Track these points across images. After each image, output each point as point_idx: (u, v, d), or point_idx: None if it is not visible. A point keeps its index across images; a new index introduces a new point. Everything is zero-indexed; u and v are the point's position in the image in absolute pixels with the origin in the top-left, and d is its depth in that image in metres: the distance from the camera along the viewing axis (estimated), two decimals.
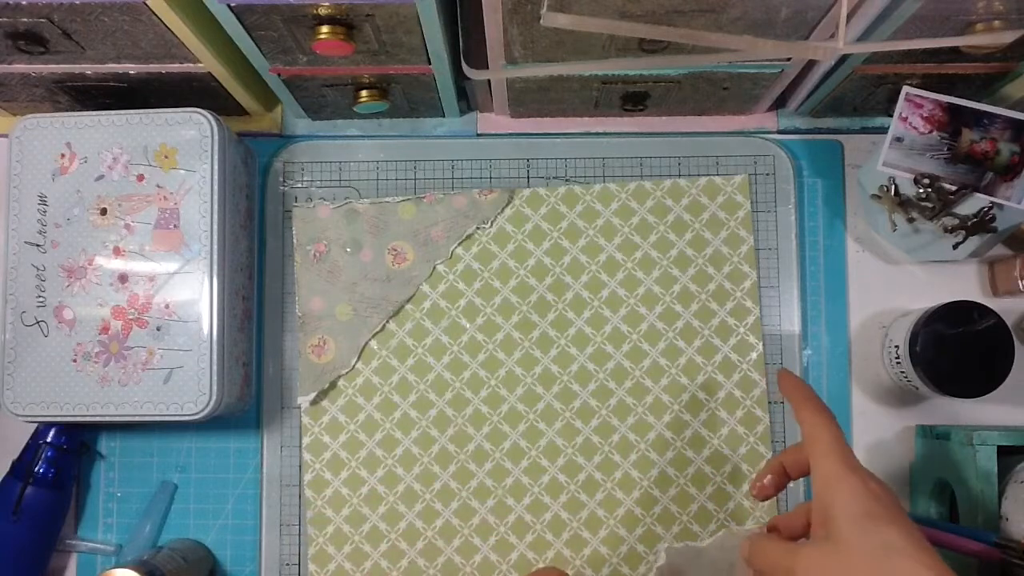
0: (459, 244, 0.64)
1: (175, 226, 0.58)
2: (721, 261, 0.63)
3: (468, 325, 0.63)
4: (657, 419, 0.62)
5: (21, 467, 0.60)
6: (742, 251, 0.63)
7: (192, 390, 0.57)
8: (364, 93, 0.60)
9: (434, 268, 0.64)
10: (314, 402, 0.63)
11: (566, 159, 0.65)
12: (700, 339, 0.63)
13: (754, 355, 0.63)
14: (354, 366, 0.63)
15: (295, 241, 0.64)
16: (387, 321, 0.63)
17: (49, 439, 0.60)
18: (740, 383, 0.62)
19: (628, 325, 0.63)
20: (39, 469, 0.60)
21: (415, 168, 0.66)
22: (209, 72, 0.57)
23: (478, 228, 0.64)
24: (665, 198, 0.64)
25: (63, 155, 0.59)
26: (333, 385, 0.63)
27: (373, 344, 0.63)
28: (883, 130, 0.59)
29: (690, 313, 0.63)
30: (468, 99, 0.65)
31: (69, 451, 0.61)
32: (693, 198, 0.64)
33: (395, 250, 0.64)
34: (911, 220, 0.59)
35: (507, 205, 0.64)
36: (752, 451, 0.62)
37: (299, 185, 0.66)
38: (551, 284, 0.63)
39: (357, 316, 0.63)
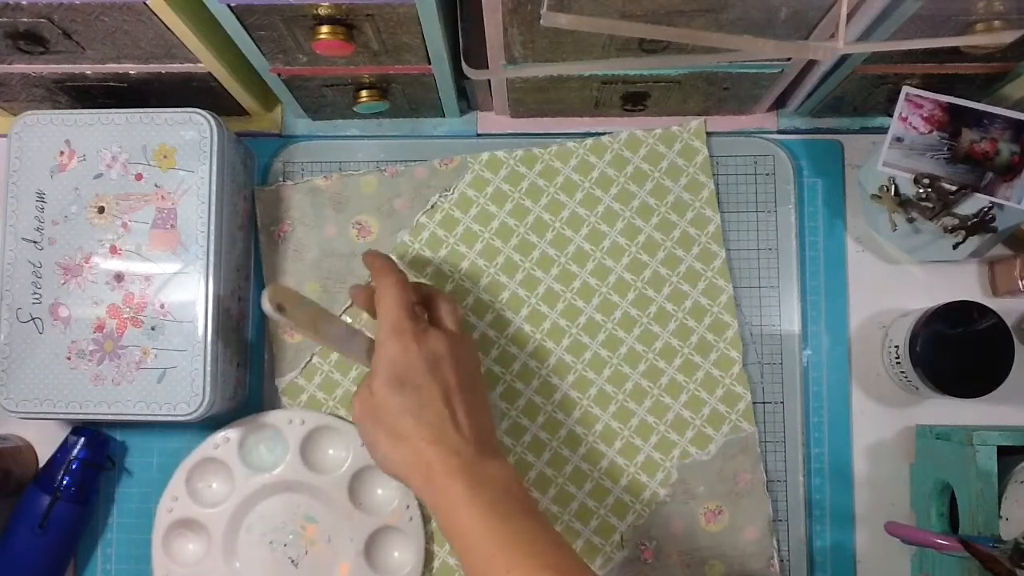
0: (422, 213, 0.64)
1: (172, 226, 0.58)
2: (683, 208, 0.64)
3: None
4: (632, 369, 0.63)
5: (47, 479, 0.61)
6: (703, 196, 0.64)
7: (185, 390, 0.57)
8: (364, 93, 0.60)
9: (399, 239, 0.64)
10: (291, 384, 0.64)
11: None
12: (669, 286, 0.63)
13: (724, 297, 0.63)
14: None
15: (259, 223, 0.65)
16: None
17: (77, 454, 0.61)
18: (712, 327, 0.63)
19: (596, 278, 0.64)
20: (66, 483, 0.60)
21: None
22: (209, 72, 0.57)
23: (440, 196, 0.64)
24: (623, 150, 0.64)
25: (62, 152, 0.59)
26: (308, 363, 0.63)
27: (345, 319, 0.64)
28: (883, 130, 0.59)
29: (657, 261, 0.63)
30: (468, 99, 0.65)
31: (95, 466, 0.61)
32: (651, 148, 0.64)
33: (359, 224, 0.64)
34: (911, 220, 0.59)
35: (467, 171, 0.64)
36: (728, 392, 0.62)
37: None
38: (517, 244, 0.64)
39: (326, 292, 0.64)
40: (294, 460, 0.60)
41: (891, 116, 0.57)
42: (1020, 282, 0.61)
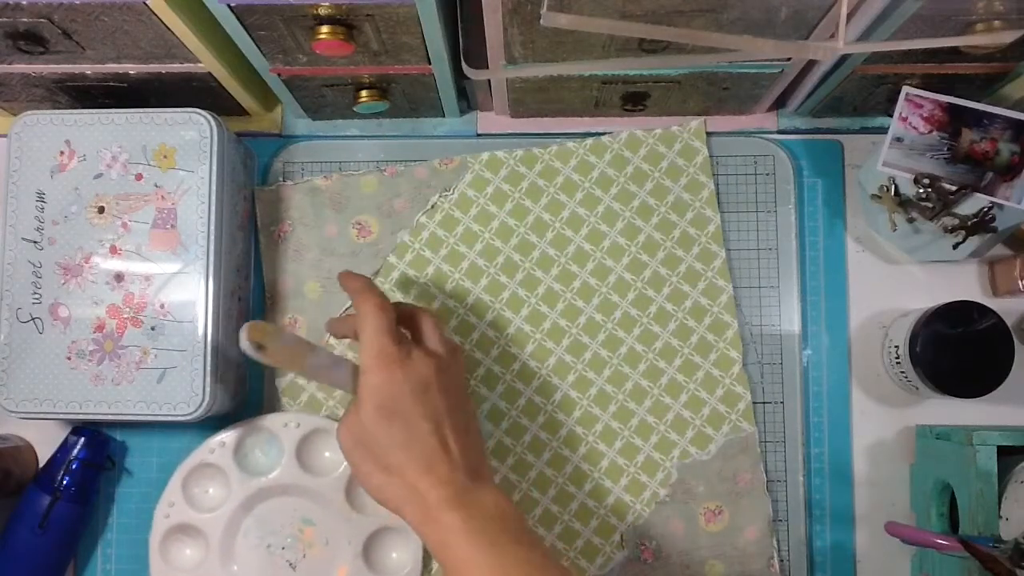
0: (422, 213, 0.64)
1: (172, 226, 0.58)
2: (683, 208, 0.64)
3: (438, 292, 0.64)
4: (632, 369, 0.63)
5: (47, 479, 0.61)
6: (703, 196, 0.64)
7: (185, 390, 0.57)
8: (364, 93, 0.60)
9: (399, 239, 0.64)
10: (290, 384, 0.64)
11: None
12: (668, 286, 0.63)
13: (724, 297, 0.63)
14: (327, 343, 0.63)
15: (259, 223, 0.65)
16: None
17: (77, 454, 0.61)
18: (712, 327, 0.63)
19: (596, 278, 0.64)
20: (66, 483, 0.60)
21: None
22: (209, 72, 0.57)
23: (440, 196, 0.64)
24: (623, 150, 0.64)
25: (62, 152, 0.59)
26: None
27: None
28: (883, 130, 0.59)
29: (657, 261, 0.63)
30: (468, 99, 0.65)
31: (95, 466, 0.61)
32: (651, 148, 0.64)
33: (359, 224, 0.64)
34: (911, 220, 0.59)
35: (467, 171, 0.64)
36: (728, 392, 0.62)
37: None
38: (517, 244, 0.64)
39: (326, 292, 0.64)
40: (290, 463, 0.60)
41: (891, 116, 0.57)
42: (1020, 282, 0.61)
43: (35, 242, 0.58)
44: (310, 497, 0.61)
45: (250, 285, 0.65)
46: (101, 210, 0.58)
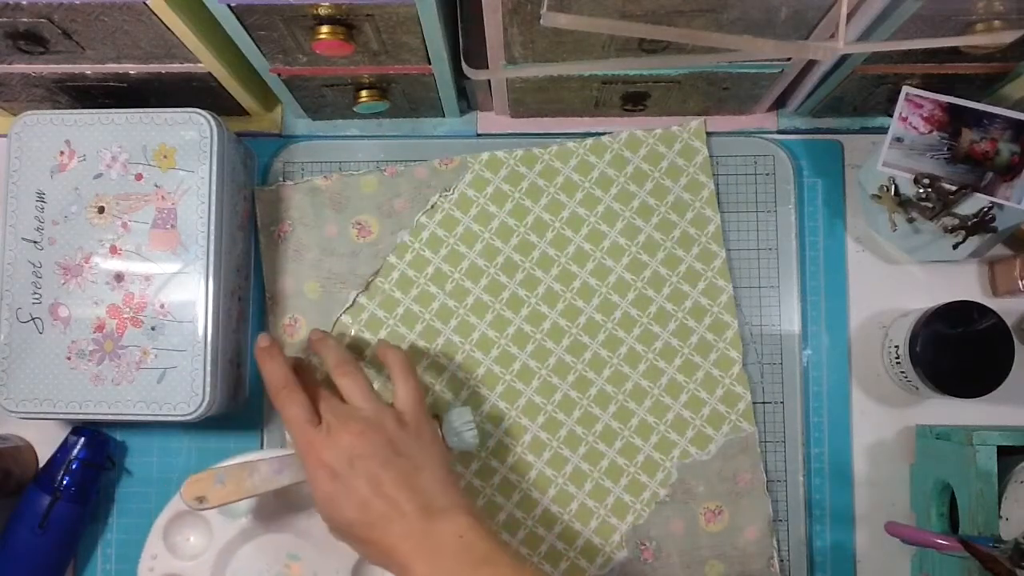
0: (422, 213, 0.64)
1: (172, 226, 0.58)
2: (683, 208, 0.64)
3: (438, 292, 0.64)
4: (632, 369, 0.63)
5: (47, 479, 0.61)
6: (703, 196, 0.64)
7: (185, 390, 0.57)
8: (364, 93, 0.60)
9: (399, 239, 0.64)
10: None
11: None
12: (669, 286, 0.63)
13: (724, 297, 0.63)
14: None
15: (259, 223, 0.65)
16: (357, 295, 0.64)
17: (78, 454, 0.61)
18: (712, 327, 0.63)
19: (596, 278, 0.64)
20: (66, 483, 0.60)
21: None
22: (209, 72, 0.57)
23: (440, 196, 0.64)
24: (623, 150, 0.64)
25: (62, 152, 0.59)
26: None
27: (345, 319, 0.64)
28: (883, 130, 0.59)
29: (657, 261, 0.63)
30: (468, 99, 0.65)
31: (95, 466, 0.61)
32: (651, 148, 0.64)
33: (359, 224, 0.64)
34: (911, 220, 0.59)
35: (467, 171, 0.64)
36: (728, 392, 0.62)
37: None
38: (517, 244, 0.64)
39: (326, 292, 0.64)
40: (268, 501, 0.59)
41: (891, 116, 0.57)
42: (1020, 282, 0.61)
43: (35, 242, 0.58)
44: (293, 532, 0.60)
45: (250, 285, 0.65)
46: (101, 210, 0.58)
